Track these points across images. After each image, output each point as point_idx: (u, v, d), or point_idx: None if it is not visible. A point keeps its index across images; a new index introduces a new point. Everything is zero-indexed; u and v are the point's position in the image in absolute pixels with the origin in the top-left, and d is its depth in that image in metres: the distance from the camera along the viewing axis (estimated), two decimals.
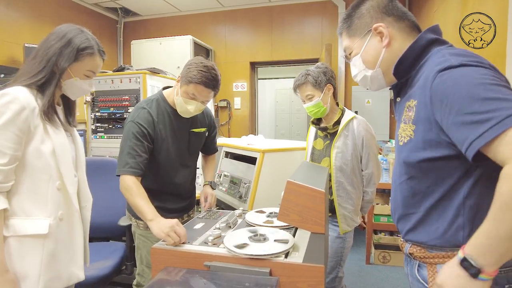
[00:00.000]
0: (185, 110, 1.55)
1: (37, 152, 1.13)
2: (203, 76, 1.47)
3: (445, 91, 0.79)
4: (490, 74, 0.76)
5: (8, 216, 1.09)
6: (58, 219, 1.16)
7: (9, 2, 3.70)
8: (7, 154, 1.06)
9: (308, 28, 4.68)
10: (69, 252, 1.21)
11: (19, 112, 1.07)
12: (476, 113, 0.72)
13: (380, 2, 1.00)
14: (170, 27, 5.19)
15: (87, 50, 1.20)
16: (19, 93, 1.10)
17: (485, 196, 0.80)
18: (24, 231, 1.10)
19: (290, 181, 1.09)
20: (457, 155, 0.81)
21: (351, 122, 1.79)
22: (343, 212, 1.79)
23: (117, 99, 2.98)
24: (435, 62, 0.85)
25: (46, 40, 1.20)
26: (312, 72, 1.78)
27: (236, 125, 5.08)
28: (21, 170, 1.11)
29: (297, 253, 1.09)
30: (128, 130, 1.51)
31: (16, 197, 1.11)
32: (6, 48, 3.68)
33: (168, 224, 1.21)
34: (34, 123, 1.11)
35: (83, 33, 1.21)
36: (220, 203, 2.30)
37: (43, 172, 1.14)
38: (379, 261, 3.28)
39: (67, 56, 1.17)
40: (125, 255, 2.12)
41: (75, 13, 4.55)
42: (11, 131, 1.06)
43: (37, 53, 1.19)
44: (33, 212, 1.12)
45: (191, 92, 1.50)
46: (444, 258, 0.88)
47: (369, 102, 4.36)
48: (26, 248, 1.11)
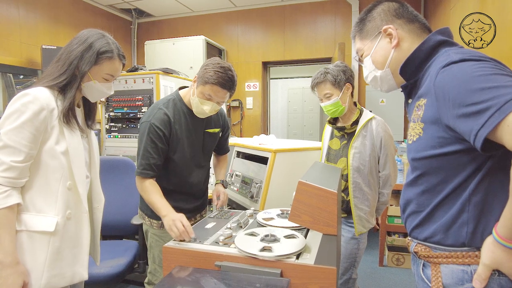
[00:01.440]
0: (201, 111, 1.56)
1: (51, 152, 1.16)
2: (219, 77, 1.48)
3: (446, 86, 0.81)
4: (490, 66, 0.77)
5: (20, 211, 1.13)
6: (65, 218, 1.20)
7: (28, 5, 3.79)
8: (23, 152, 1.10)
9: (321, 27, 4.64)
10: (74, 251, 1.24)
11: (38, 112, 1.11)
12: (476, 104, 0.73)
13: (391, 6, 1.03)
14: (183, 28, 5.23)
15: (107, 54, 1.23)
16: (39, 93, 1.14)
17: (492, 193, 0.82)
18: (34, 227, 1.14)
19: (302, 182, 1.07)
20: (467, 149, 0.81)
21: (369, 122, 1.76)
22: (359, 213, 1.77)
23: (131, 99, 3.02)
24: (440, 61, 0.87)
25: (69, 44, 1.24)
26: (332, 71, 1.75)
27: (248, 124, 5.08)
28: (35, 168, 1.15)
29: (309, 255, 1.08)
30: (143, 131, 1.53)
31: (29, 193, 1.15)
32: (25, 50, 3.77)
33: (171, 218, 1.30)
34: (51, 124, 1.15)
35: (104, 38, 1.25)
36: (231, 202, 2.30)
37: (55, 171, 1.17)
38: (392, 263, 3.23)
39: (88, 59, 1.21)
40: (137, 253, 2.15)
41: (90, 14, 4.64)
42: (29, 130, 1.10)
43: (60, 57, 1.23)
44: (43, 209, 1.16)
45: (207, 92, 1.51)
46: (447, 258, 0.88)
47: (383, 101, 4.30)
48: (34, 243, 1.14)
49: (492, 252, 0.79)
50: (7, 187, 1.09)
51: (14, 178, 1.09)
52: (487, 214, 0.83)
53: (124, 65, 1.32)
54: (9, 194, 1.09)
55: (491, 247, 0.79)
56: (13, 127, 1.09)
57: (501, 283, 0.81)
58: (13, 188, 1.10)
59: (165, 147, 1.56)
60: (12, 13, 3.64)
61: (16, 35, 3.68)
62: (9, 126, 1.09)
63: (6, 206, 1.08)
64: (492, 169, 0.82)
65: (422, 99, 0.92)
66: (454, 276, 0.87)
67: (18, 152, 1.09)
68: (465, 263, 0.86)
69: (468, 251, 0.86)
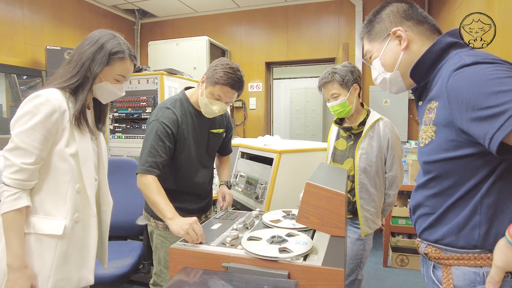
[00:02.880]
0: (210, 111, 1.56)
1: (61, 154, 1.15)
2: (229, 77, 1.49)
3: (459, 89, 0.80)
4: (504, 69, 0.77)
5: (28, 213, 1.12)
6: (73, 221, 1.18)
7: (33, 6, 3.81)
8: (34, 154, 1.09)
9: (325, 27, 4.63)
10: (81, 255, 1.23)
11: (50, 114, 1.11)
12: (491, 107, 0.73)
13: (400, 8, 1.02)
14: (186, 28, 5.23)
15: (118, 55, 1.22)
16: (51, 95, 1.13)
17: (505, 196, 0.82)
18: (43, 230, 1.13)
19: (310, 183, 1.07)
20: (480, 153, 0.81)
21: (377, 123, 1.76)
22: (365, 214, 1.76)
23: (135, 100, 3.03)
24: (451, 63, 0.86)
25: (80, 46, 1.23)
26: (339, 71, 1.75)
27: (251, 125, 5.07)
28: (45, 170, 1.14)
29: (316, 256, 1.08)
30: (151, 129, 1.51)
31: (38, 195, 1.14)
32: (29, 51, 3.79)
33: (187, 222, 1.24)
34: (62, 126, 1.15)
35: (116, 38, 1.24)
36: (236, 203, 2.30)
37: (65, 173, 1.16)
38: (396, 264, 3.22)
39: (100, 61, 1.20)
40: (142, 254, 2.15)
41: (94, 15, 4.65)
42: (40, 132, 1.09)
43: (72, 58, 1.22)
44: (52, 212, 1.15)
45: (217, 93, 1.51)
46: (458, 260, 0.88)
47: (387, 102, 4.28)
48: (42, 246, 1.13)
49: (505, 254, 0.78)
50: (16, 189, 1.08)
51: (24, 180, 1.08)
52: (499, 216, 0.83)
53: (135, 66, 1.31)
54: (19, 196, 1.08)
55: (504, 249, 0.78)
56: (24, 128, 1.08)
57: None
58: (22, 190, 1.09)
59: (172, 147, 1.54)
60: (16, 14, 3.66)
61: (20, 35, 3.69)
62: (21, 128, 1.08)
63: (15, 208, 1.07)
64: (505, 171, 0.81)
65: (433, 102, 0.91)
66: (465, 278, 0.87)
67: (29, 154, 1.08)
68: (477, 265, 0.85)
69: (480, 253, 0.85)
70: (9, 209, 1.06)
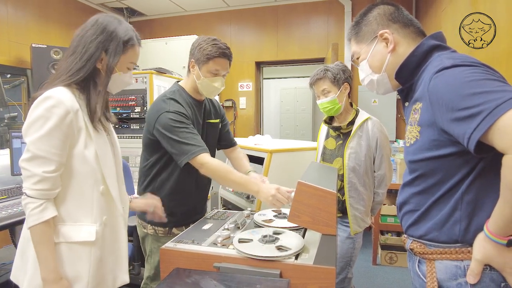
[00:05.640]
0: (213, 89, 1.55)
1: (81, 156, 1.09)
2: (219, 48, 1.50)
3: (439, 91, 0.83)
4: (481, 71, 0.80)
5: (56, 223, 1.07)
6: (103, 224, 1.13)
7: (17, 3, 3.72)
8: (54, 161, 1.02)
9: (314, 27, 4.66)
10: (114, 257, 1.19)
11: (64, 116, 1.03)
12: (468, 108, 0.76)
13: (387, 10, 1.05)
14: (176, 27, 5.19)
15: (130, 42, 1.15)
16: (62, 95, 1.04)
17: (483, 192, 0.85)
18: (73, 238, 1.08)
19: (301, 182, 1.08)
20: (461, 152, 0.85)
21: (366, 123, 1.78)
22: (354, 213, 1.78)
23: (124, 99, 2.98)
24: (433, 66, 0.90)
25: (84, 35, 1.11)
26: (332, 69, 1.78)
27: (242, 124, 5.07)
28: (68, 176, 1.08)
29: (307, 255, 1.08)
30: (166, 122, 1.42)
31: (63, 203, 1.08)
32: (13, 49, 3.70)
33: (271, 192, 1.29)
34: (77, 127, 1.07)
35: (122, 23, 1.15)
36: (227, 203, 2.29)
37: (88, 177, 1.10)
38: (385, 262, 3.26)
39: (115, 51, 1.11)
40: (132, 255, 2.12)
41: (81, 13, 4.57)
42: (57, 137, 1.02)
43: (76, 49, 1.11)
44: (80, 218, 1.10)
45: (214, 68, 1.51)
46: (441, 254, 0.92)
47: (376, 102, 4.34)
48: (75, 254, 1.08)
49: (484, 248, 0.82)
50: (41, 200, 1.01)
51: (47, 189, 1.02)
52: (478, 212, 0.86)
53: None
54: (45, 207, 1.02)
55: (483, 243, 0.82)
56: (40, 135, 1.01)
57: (493, 277, 0.84)
58: (47, 200, 1.03)
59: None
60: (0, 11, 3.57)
61: (4, 33, 3.60)
62: (36, 135, 1.01)
63: (43, 220, 1.01)
64: (483, 170, 0.85)
65: (418, 103, 0.94)
66: (448, 271, 0.91)
67: (48, 162, 1.01)
68: (458, 259, 0.89)
69: (461, 247, 0.89)
70: (37, 222, 1.00)
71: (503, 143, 0.72)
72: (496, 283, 0.84)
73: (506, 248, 0.79)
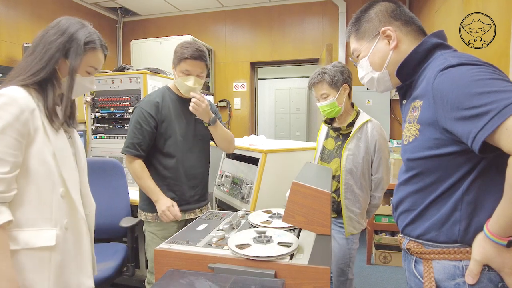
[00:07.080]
0: (186, 87, 1.70)
1: (39, 156, 1.04)
2: (188, 50, 1.66)
3: (445, 89, 0.82)
4: (487, 71, 0.79)
5: (13, 228, 1.01)
6: (64, 228, 1.10)
7: (9, 2, 3.68)
8: (8, 161, 0.97)
9: (309, 28, 4.67)
10: (77, 262, 1.16)
11: (18, 114, 0.99)
12: (475, 107, 0.76)
13: (388, 7, 1.03)
14: (170, 27, 5.17)
15: (90, 45, 1.12)
16: (16, 93, 1.01)
17: (484, 192, 0.84)
18: (32, 243, 1.03)
19: (296, 182, 1.08)
20: (462, 151, 0.83)
21: (365, 125, 1.76)
22: (349, 215, 1.77)
23: (117, 99, 2.96)
24: (436, 64, 0.89)
25: (44, 35, 1.10)
26: (329, 71, 1.75)
27: (236, 125, 5.06)
28: (25, 177, 1.03)
29: (302, 255, 1.08)
30: (132, 116, 1.73)
31: (20, 207, 1.03)
32: (5, 48, 3.65)
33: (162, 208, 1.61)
34: (34, 126, 1.03)
35: (85, 27, 1.14)
36: (221, 203, 2.29)
37: (46, 178, 1.06)
38: (380, 261, 3.28)
39: (75, 52, 1.09)
40: (126, 256, 2.11)
41: (74, 12, 4.51)
42: (11, 136, 0.98)
43: (35, 49, 1.09)
44: (38, 223, 1.05)
45: (184, 68, 1.68)
46: (439, 254, 0.91)
47: (369, 102, 4.36)
48: (35, 261, 1.03)
49: (483, 248, 0.82)
50: None
51: (1, 192, 0.96)
52: (479, 212, 0.85)
53: (106, 56, 1.21)
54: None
55: (482, 243, 0.82)
56: None
57: (491, 277, 0.84)
58: (1, 204, 0.97)
59: (151, 130, 1.69)
60: None
61: None
62: None
63: None
64: (485, 169, 0.84)
65: (418, 101, 0.93)
66: (446, 271, 0.90)
67: (3, 162, 0.96)
68: (456, 259, 0.88)
69: (460, 247, 0.88)
70: None
71: (509, 143, 0.71)
72: (494, 283, 0.84)
73: (506, 249, 0.79)
